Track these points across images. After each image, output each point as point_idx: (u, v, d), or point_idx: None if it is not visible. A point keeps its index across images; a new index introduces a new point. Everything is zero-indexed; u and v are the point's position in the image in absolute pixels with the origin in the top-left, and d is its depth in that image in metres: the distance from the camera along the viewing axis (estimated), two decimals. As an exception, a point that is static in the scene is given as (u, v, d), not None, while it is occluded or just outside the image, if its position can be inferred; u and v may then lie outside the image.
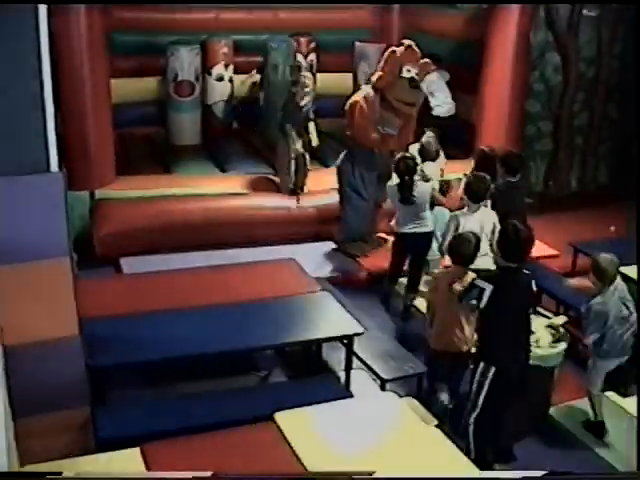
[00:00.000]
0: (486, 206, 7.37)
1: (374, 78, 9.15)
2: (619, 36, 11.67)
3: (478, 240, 6.05)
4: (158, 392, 6.38)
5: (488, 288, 5.44)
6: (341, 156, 9.22)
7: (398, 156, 8.06)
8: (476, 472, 5.04)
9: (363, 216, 9.18)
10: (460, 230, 6.83)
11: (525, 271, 5.62)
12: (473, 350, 5.91)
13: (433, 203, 8.11)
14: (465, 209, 7.23)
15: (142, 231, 8.86)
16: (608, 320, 6.17)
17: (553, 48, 11.36)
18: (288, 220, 9.54)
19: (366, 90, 9.15)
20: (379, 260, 8.87)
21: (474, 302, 5.53)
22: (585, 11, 11.17)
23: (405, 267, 8.23)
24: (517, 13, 10.06)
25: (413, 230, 7.93)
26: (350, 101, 9.19)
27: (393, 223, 8.25)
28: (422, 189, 7.87)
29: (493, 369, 5.54)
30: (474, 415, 5.69)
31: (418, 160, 8.22)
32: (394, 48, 9.12)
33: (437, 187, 8.14)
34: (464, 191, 7.26)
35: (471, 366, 5.79)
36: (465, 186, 7.28)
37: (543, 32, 11.21)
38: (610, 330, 6.20)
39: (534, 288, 5.81)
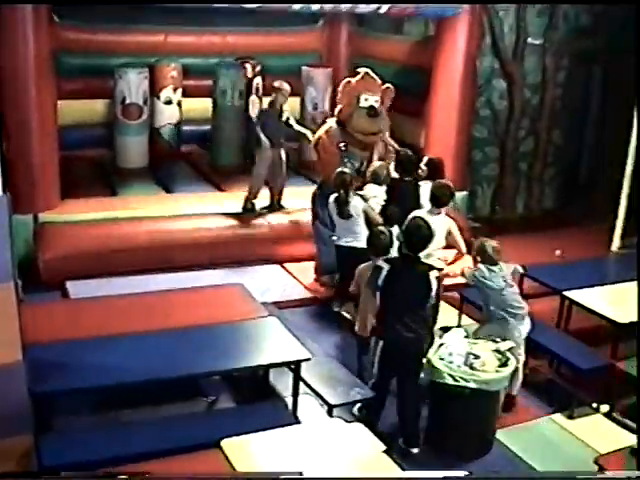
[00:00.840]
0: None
1: (336, 111, 9.15)
2: (563, 65, 11.93)
3: (391, 234, 6.72)
4: (103, 419, 6.29)
5: (385, 267, 6.21)
6: (316, 186, 9.22)
7: (336, 171, 8.18)
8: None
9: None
10: None
11: (425, 262, 6.35)
12: None
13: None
14: (426, 210, 7.56)
15: (88, 254, 8.75)
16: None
17: (499, 75, 11.58)
18: (235, 241, 9.52)
19: (329, 124, 9.13)
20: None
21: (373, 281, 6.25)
22: (530, 40, 11.41)
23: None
24: (464, 40, 10.19)
25: (348, 244, 8.07)
26: (315, 137, 9.18)
27: None
28: (355, 204, 8.00)
29: (381, 342, 6.29)
30: (370, 382, 6.49)
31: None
32: (349, 78, 9.11)
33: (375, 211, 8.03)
34: (430, 197, 7.65)
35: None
36: (430, 192, 7.64)
37: (489, 59, 11.42)
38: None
39: (432, 280, 6.19)
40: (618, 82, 12.16)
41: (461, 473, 5.36)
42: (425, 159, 8.76)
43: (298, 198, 9.77)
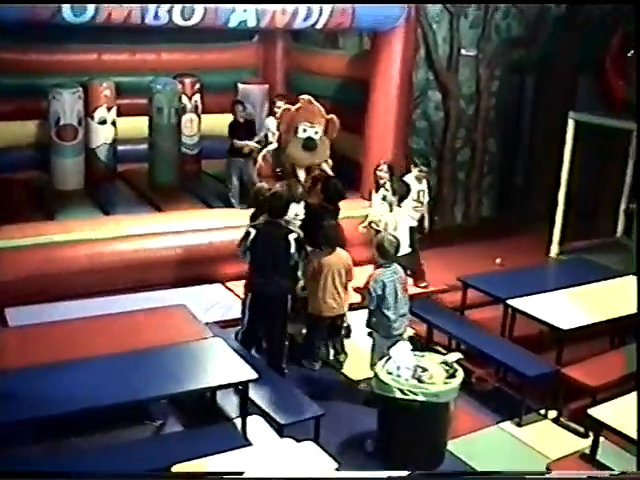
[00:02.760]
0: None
1: (275, 137, 8.90)
2: (496, 75, 12.08)
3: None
4: (49, 448, 6.12)
5: (253, 232, 7.29)
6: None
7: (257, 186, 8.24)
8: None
9: None
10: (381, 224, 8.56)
11: (284, 226, 7.41)
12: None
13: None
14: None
15: (25, 280, 8.52)
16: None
17: (434, 86, 11.68)
18: (176, 261, 9.39)
19: (268, 148, 8.91)
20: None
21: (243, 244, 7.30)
22: (463, 51, 11.53)
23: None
24: (400, 52, 10.23)
25: None
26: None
27: None
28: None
29: (250, 295, 7.38)
30: (241, 331, 7.55)
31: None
32: (288, 106, 8.70)
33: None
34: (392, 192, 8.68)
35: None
36: (392, 188, 8.58)
37: (424, 71, 11.52)
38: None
39: (291, 240, 7.25)
40: (550, 91, 12.38)
41: (404, 473, 5.38)
42: (384, 166, 9.02)
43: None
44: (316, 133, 8.45)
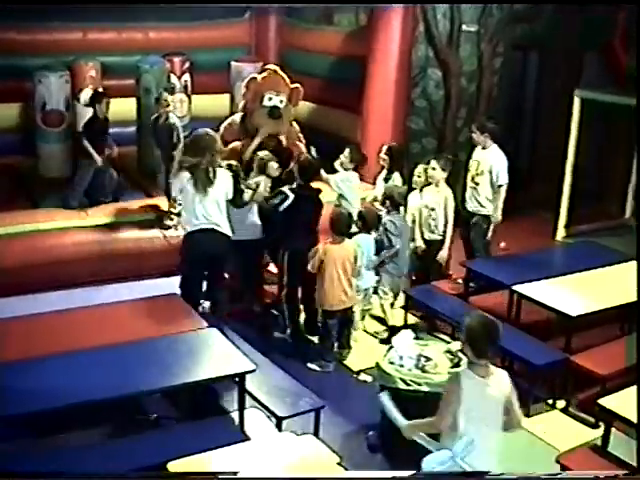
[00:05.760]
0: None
1: (241, 106, 9.07)
2: (499, 51, 12.02)
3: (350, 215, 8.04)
4: (42, 444, 6.09)
5: (291, 196, 7.88)
6: None
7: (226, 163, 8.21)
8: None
9: None
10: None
11: (313, 188, 8.07)
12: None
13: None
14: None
15: (7, 271, 8.50)
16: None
17: (434, 64, 11.61)
18: (167, 250, 9.31)
19: (232, 118, 9.04)
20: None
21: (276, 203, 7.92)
22: (465, 27, 11.46)
23: None
24: (398, 28, 10.19)
25: (237, 237, 7.88)
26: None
27: None
28: (246, 197, 8.15)
29: (287, 252, 7.92)
30: (284, 293, 8.08)
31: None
32: (255, 74, 9.09)
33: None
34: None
35: None
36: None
37: (423, 48, 11.44)
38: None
39: (321, 200, 8.09)
40: (554, 68, 12.34)
41: (407, 473, 5.27)
42: (385, 147, 9.09)
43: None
44: (281, 102, 8.92)
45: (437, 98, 11.85)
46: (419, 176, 8.98)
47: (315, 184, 8.23)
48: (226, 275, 8.09)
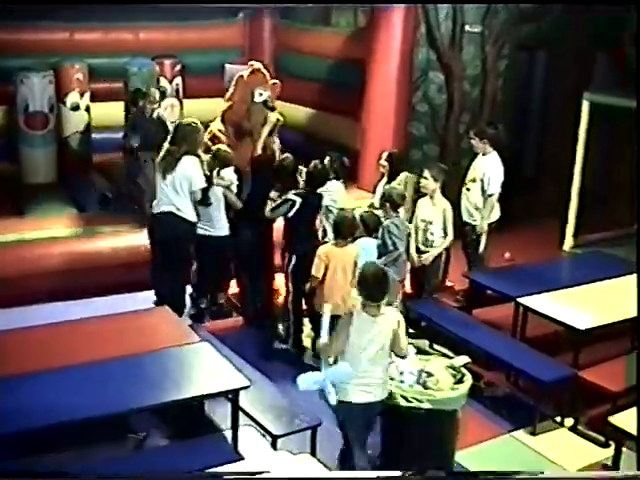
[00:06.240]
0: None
1: (223, 109, 9.19)
2: (504, 53, 12.03)
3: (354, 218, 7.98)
4: (24, 467, 6.07)
5: (298, 201, 8.16)
6: None
7: None
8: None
9: None
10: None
11: (320, 194, 8.45)
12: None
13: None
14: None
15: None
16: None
17: (436, 67, 11.64)
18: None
19: (215, 126, 9.13)
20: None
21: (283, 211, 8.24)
22: (468, 28, 11.49)
23: None
24: (400, 29, 10.21)
25: (206, 233, 8.40)
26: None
27: None
28: (216, 192, 8.38)
29: (294, 257, 8.17)
30: (290, 299, 8.32)
31: None
32: (241, 73, 9.33)
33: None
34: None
35: None
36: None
37: (425, 50, 11.47)
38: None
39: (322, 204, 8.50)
40: (563, 70, 12.36)
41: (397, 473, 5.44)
42: (385, 154, 9.08)
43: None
44: (269, 97, 9.30)
45: (439, 102, 11.88)
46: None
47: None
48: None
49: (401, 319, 5.93)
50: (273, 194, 8.46)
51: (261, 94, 9.15)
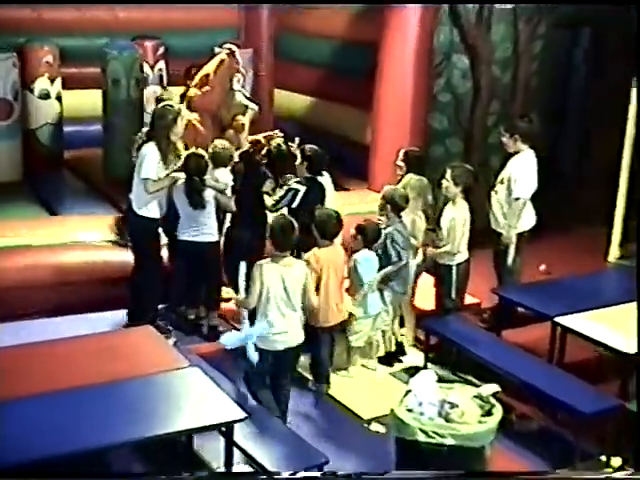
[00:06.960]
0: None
1: (197, 95, 9.37)
2: (539, 33, 12.03)
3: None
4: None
5: (302, 189, 8.56)
6: None
7: (187, 153, 8.53)
8: None
9: None
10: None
11: (318, 179, 8.80)
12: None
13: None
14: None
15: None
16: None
17: (460, 49, 11.65)
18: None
19: (191, 116, 9.23)
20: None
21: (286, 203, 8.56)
22: (497, 4, 11.49)
23: None
24: (417, 8, 10.26)
25: (194, 238, 8.60)
26: None
27: None
28: (209, 193, 8.54)
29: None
30: None
31: None
32: (222, 57, 9.52)
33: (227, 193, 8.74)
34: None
35: None
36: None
37: (447, 30, 11.47)
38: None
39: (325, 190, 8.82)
40: (608, 52, 12.35)
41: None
42: (401, 153, 9.07)
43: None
44: (243, 85, 9.88)
45: (464, 91, 11.90)
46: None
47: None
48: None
49: (309, 273, 7.24)
50: (267, 186, 8.70)
51: (239, 80, 9.56)
